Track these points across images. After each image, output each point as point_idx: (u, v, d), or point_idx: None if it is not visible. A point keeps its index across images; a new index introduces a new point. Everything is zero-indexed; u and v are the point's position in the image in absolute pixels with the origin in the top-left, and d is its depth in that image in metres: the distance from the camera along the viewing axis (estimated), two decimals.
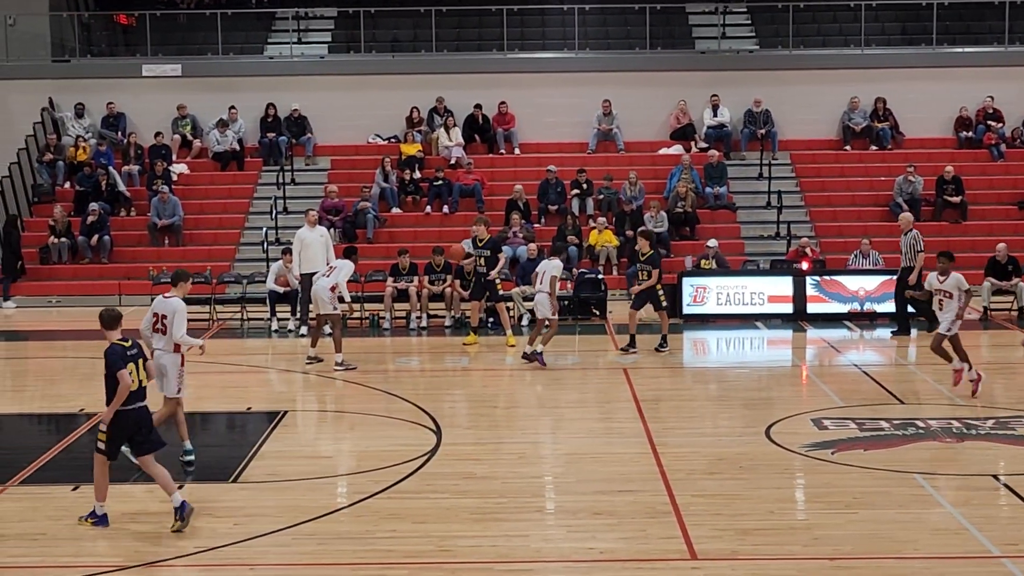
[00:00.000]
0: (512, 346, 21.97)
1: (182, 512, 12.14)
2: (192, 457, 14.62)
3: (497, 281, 22.85)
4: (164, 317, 14.30)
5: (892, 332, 23.17)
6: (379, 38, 35.14)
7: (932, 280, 17.94)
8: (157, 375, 14.10)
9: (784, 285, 24.59)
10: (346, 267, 20.95)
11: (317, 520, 12.52)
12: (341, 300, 20.60)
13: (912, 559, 11.29)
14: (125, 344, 12.35)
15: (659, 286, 21.28)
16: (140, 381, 12.31)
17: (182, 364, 14.52)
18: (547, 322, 20.28)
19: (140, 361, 12.38)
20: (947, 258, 17.88)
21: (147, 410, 12.55)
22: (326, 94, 32.79)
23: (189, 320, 14.58)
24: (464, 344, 22.38)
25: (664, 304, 21.52)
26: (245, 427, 17.19)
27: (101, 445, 12.34)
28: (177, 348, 14.35)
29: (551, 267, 20.41)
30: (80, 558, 11.75)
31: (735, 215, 30.10)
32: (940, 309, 17.73)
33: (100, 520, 12.43)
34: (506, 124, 32.49)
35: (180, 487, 12.52)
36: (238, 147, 32.10)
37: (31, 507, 13.10)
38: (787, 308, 24.65)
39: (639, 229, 23.76)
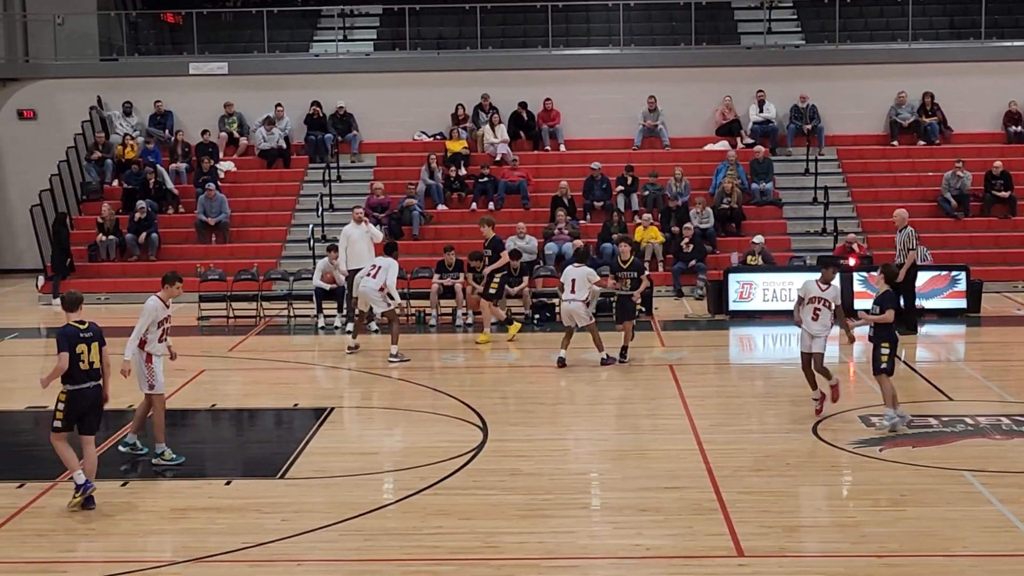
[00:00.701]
0: (483, 342, 22.11)
1: (84, 489, 12.82)
2: (130, 448, 15.07)
3: (496, 279, 23.20)
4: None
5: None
6: (424, 35, 35.19)
7: (811, 287, 16.31)
8: (135, 371, 14.78)
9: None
10: (392, 267, 21.04)
11: (364, 516, 12.57)
12: (391, 298, 20.81)
13: (960, 557, 11.23)
14: (80, 327, 13.01)
15: (636, 295, 20.57)
16: (92, 363, 12.94)
17: (148, 361, 14.74)
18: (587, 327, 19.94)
19: (94, 344, 12.98)
20: (833, 265, 16.87)
21: (99, 390, 13.12)
22: (372, 91, 32.86)
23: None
24: (477, 343, 22.34)
25: (641, 311, 20.86)
26: (292, 423, 17.27)
27: (57, 424, 13.04)
28: (142, 345, 14.69)
29: (581, 275, 19.93)
30: (129, 553, 11.85)
31: (781, 211, 29.97)
32: (814, 319, 16.22)
33: (84, 487, 12.88)
34: (551, 121, 32.46)
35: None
36: (284, 145, 32.23)
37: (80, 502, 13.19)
38: None
39: (621, 236, 23.19)
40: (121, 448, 15.09)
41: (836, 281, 16.78)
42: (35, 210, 30.17)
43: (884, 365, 15.68)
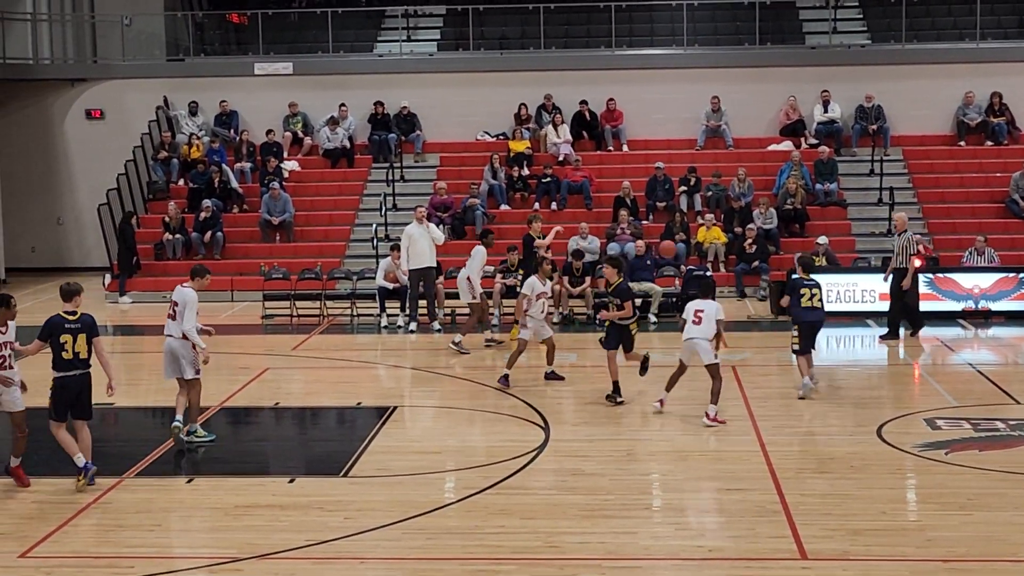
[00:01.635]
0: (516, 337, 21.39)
1: (86, 471, 13.37)
2: (183, 434, 15.42)
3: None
4: (177, 304, 15.34)
5: (881, 336, 22.65)
6: (487, 35, 35.24)
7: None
8: (167, 359, 15.41)
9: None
10: (478, 255, 21.27)
11: (426, 515, 12.62)
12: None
13: None
14: (68, 317, 13.54)
15: (633, 325, 17.40)
16: (77, 352, 13.43)
17: (194, 349, 15.32)
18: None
19: (81, 335, 13.46)
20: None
21: (88, 378, 13.60)
22: (435, 91, 32.95)
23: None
24: (511, 339, 22.20)
25: (634, 347, 17.55)
26: (355, 422, 17.35)
27: (51, 412, 13.55)
28: (185, 336, 15.25)
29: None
30: (195, 549, 11.97)
31: (846, 212, 29.76)
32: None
33: (85, 468, 13.47)
34: (614, 121, 32.42)
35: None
36: (348, 144, 32.39)
37: (147, 498, 13.35)
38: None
39: (607, 256, 20.71)
40: (185, 439, 15.32)
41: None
42: (102, 209, 30.50)
43: (795, 348, 18.14)
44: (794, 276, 18.39)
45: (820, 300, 18.03)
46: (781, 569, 11.03)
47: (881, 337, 22.55)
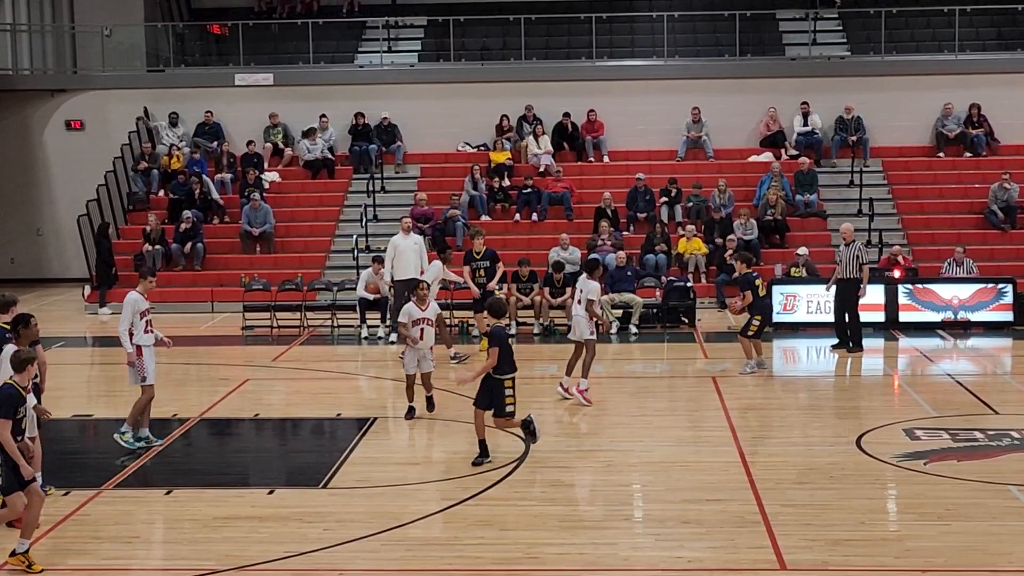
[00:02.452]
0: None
1: None
2: (126, 443, 15.50)
3: (497, 290, 23.38)
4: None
5: (832, 346, 22.70)
6: (468, 46, 35.26)
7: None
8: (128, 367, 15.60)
9: (876, 293, 24.26)
10: (433, 269, 21.20)
11: (406, 526, 12.61)
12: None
13: (1006, 572, 11.15)
14: (6, 327, 13.22)
15: (507, 383, 15.01)
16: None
17: (138, 354, 15.43)
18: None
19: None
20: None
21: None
22: (416, 102, 32.96)
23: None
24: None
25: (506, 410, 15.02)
26: (335, 433, 17.32)
27: None
28: (130, 338, 15.44)
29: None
30: (172, 561, 11.94)
31: (826, 223, 29.82)
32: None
33: None
34: (595, 132, 32.47)
35: None
36: (329, 155, 32.37)
37: (125, 511, 13.31)
38: (879, 317, 24.36)
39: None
40: (131, 443, 15.49)
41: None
42: (82, 220, 30.42)
43: (752, 333, 20.11)
44: (745, 272, 20.29)
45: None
46: None
47: (832, 347, 22.57)
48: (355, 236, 28.90)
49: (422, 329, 17.07)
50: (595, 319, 18.07)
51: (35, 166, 33.75)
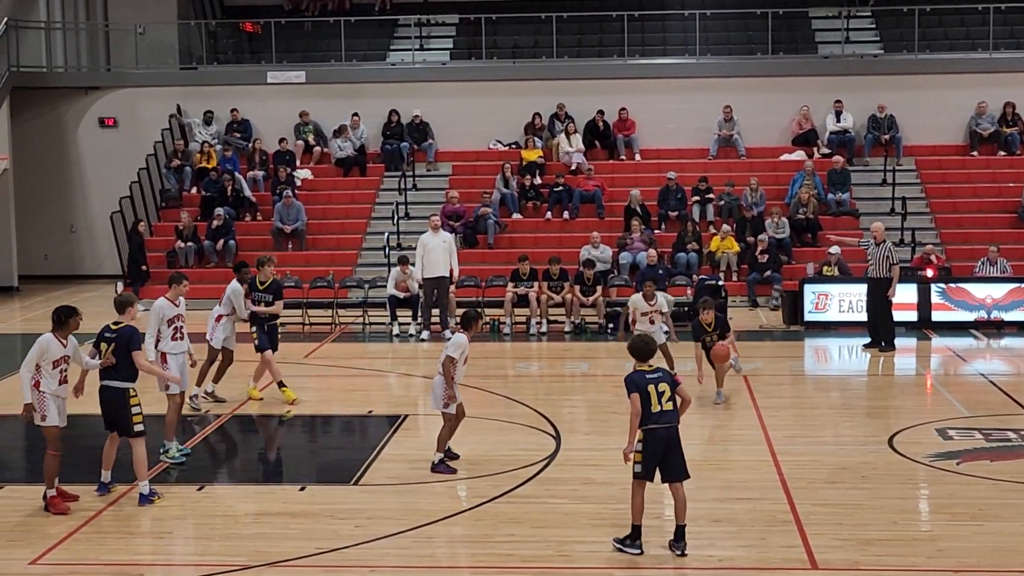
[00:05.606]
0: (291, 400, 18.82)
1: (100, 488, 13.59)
2: (171, 458, 15.15)
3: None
4: None
5: (864, 345, 22.59)
6: (500, 44, 35.26)
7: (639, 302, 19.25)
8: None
9: (909, 293, 24.17)
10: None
11: (437, 523, 12.62)
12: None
13: None
14: (123, 326, 13.55)
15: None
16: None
17: (163, 361, 15.24)
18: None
19: (103, 344, 13.48)
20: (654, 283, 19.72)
21: (106, 389, 13.34)
22: (448, 100, 32.99)
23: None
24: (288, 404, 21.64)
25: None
26: (366, 430, 17.37)
27: None
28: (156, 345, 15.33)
29: (450, 344, 14.42)
30: (205, 556, 11.97)
31: (858, 222, 29.69)
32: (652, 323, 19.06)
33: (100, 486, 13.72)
34: (626, 130, 32.43)
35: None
36: (360, 153, 32.43)
37: (158, 506, 13.35)
38: (912, 316, 24.27)
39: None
40: (176, 456, 15.19)
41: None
42: (115, 217, 30.58)
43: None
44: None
45: None
46: None
47: (864, 346, 22.48)
48: (386, 234, 28.96)
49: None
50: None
51: (69, 163, 33.93)
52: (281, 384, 18.30)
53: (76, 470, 13.73)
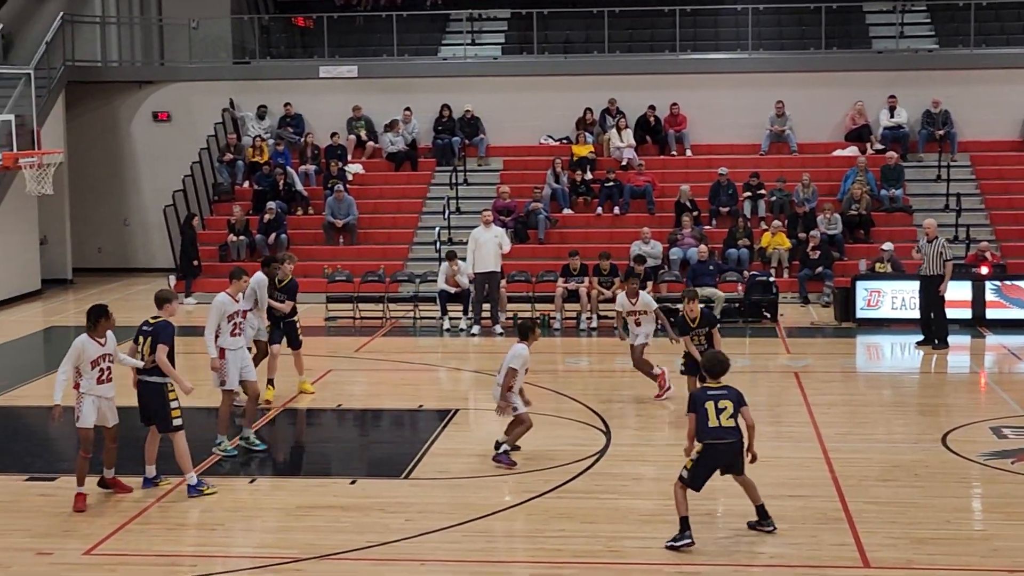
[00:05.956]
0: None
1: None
2: (224, 451, 15.24)
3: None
4: None
5: (917, 342, 22.37)
6: (552, 39, 35.21)
7: (623, 302, 18.17)
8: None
9: (963, 290, 23.95)
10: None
11: (487, 518, 12.64)
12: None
13: None
14: (161, 320, 13.62)
15: None
16: (142, 357, 13.50)
17: (220, 356, 15.28)
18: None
19: (141, 338, 13.59)
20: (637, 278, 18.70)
21: (143, 384, 13.48)
22: (499, 95, 32.98)
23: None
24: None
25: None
26: (416, 424, 17.41)
27: None
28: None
29: (511, 356, 14.79)
30: (256, 549, 12.05)
31: (911, 218, 29.46)
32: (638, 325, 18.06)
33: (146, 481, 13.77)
34: (678, 125, 32.32)
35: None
36: (412, 147, 32.48)
37: (210, 498, 13.44)
38: (966, 313, 24.04)
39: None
40: (229, 450, 15.28)
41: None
42: (168, 210, 30.78)
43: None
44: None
45: None
46: None
47: (918, 343, 22.31)
48: (437, 228, 29.01)
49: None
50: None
51: (122, 157, 34.17)
52: (270, 382, 18.13)
53: (126, 463, 13.79)
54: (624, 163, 31.33)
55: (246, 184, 31.99)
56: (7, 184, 28.73)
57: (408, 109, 32.69)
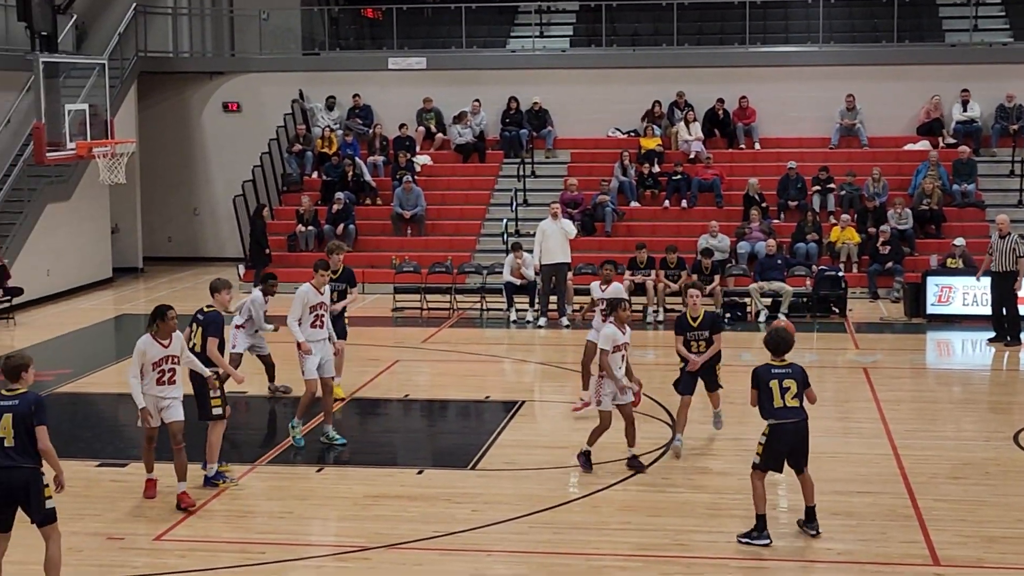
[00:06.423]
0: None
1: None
2: (295, 439, 15.30)
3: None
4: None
5: (989, 339, 22.07)
6: (620, 32, 35.12)
7: (595, 289, 17.09)
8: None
9: None
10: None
11: (552, 509, 12.66)
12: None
13: None
14: (212, 310, 13.71)
15: None
16: (194, 346, 13.56)
17: (299, 348, 15.11)
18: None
19: (193, 325, 13.64)
20: (612, 266, 17.35)
21: (194, 373, 13.38)
22: (567, 87, 32.93)
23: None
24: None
25: None
26: (483, 416, 17.44)
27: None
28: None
29: (600, 336, 14.46)
30: (323, 537, 12.15)
31: (984, 213, 29.12)
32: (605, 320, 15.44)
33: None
34: (746, 118, 32.13)
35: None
36: (480, 139, 32.51)
37: (277, 486, 13.57)
38: None
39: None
40: (298, 439, 15.29)
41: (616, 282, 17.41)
42: (237, 200, 31.02)
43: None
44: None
45: None
46: (913, 575, 10.86)
47: (989, 340, 22.07)
48: (505, 220, 29.02)
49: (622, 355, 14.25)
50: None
51: (193, 147, 34.47)
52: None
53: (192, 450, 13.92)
54: (692, 156, 31.19)
55: (315, 175, 32.15)
56: (80, 173, 29.07)
57: (477, 101, 32.72)
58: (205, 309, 13.74)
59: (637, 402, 14.59)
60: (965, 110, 31.27)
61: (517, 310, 24.63)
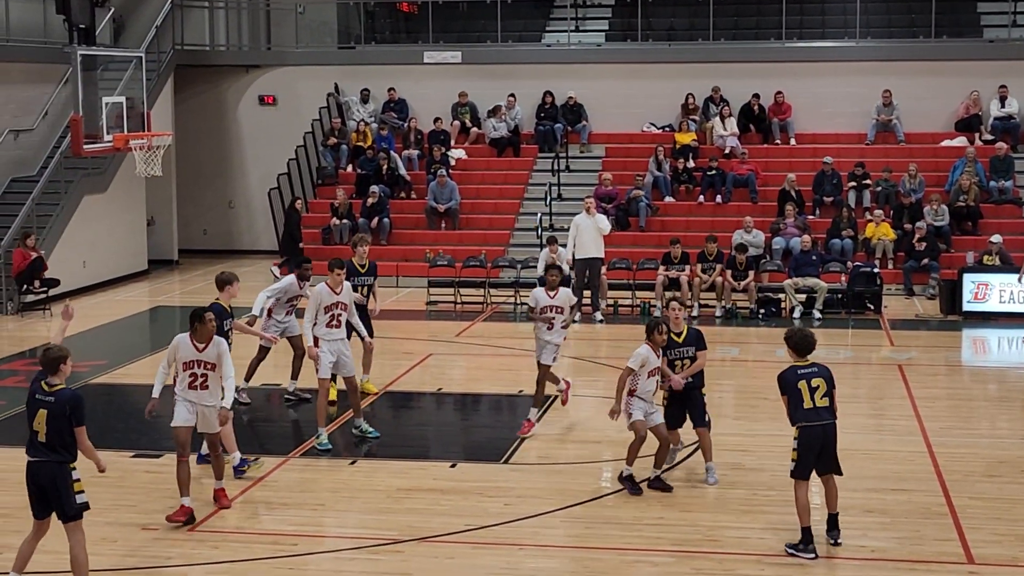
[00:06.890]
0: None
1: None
2: (319, 445, 14.94)
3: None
4: None
5: None
6: (656, 27, 35.04)
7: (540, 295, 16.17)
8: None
9: None
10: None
11: (585, 504, 12.66)
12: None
13: None
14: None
15: None
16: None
17: (315, 345, 15.05)
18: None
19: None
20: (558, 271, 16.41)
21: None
22: (602, 82, 32.88)
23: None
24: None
25: None
26: (516, 409, 17.41)
27: None
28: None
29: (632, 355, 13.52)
30: (356, 529, 12.17)
31: (1021, 210, 28.93)
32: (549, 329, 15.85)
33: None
34: (782, 114, 32.01)
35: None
36: (514, 134, 32.50)
37: (310, 478, 13.61)
38: None
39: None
40: (324, 444, 15.03)
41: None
42: (272, 193, 31.12)
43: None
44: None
45: None
46: (947, 573, 10.83)
47: None
48: (539, 215, 29.01)
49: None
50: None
51: (229, 140, 34.60)
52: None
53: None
54: (727, 151, 31.11)
55: (349, 168, 32.21)
56: (117, 166, 29.23)
57: (512, 95, 32.72)
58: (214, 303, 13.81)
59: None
60: (1003, 106, 31.05)
61: None
